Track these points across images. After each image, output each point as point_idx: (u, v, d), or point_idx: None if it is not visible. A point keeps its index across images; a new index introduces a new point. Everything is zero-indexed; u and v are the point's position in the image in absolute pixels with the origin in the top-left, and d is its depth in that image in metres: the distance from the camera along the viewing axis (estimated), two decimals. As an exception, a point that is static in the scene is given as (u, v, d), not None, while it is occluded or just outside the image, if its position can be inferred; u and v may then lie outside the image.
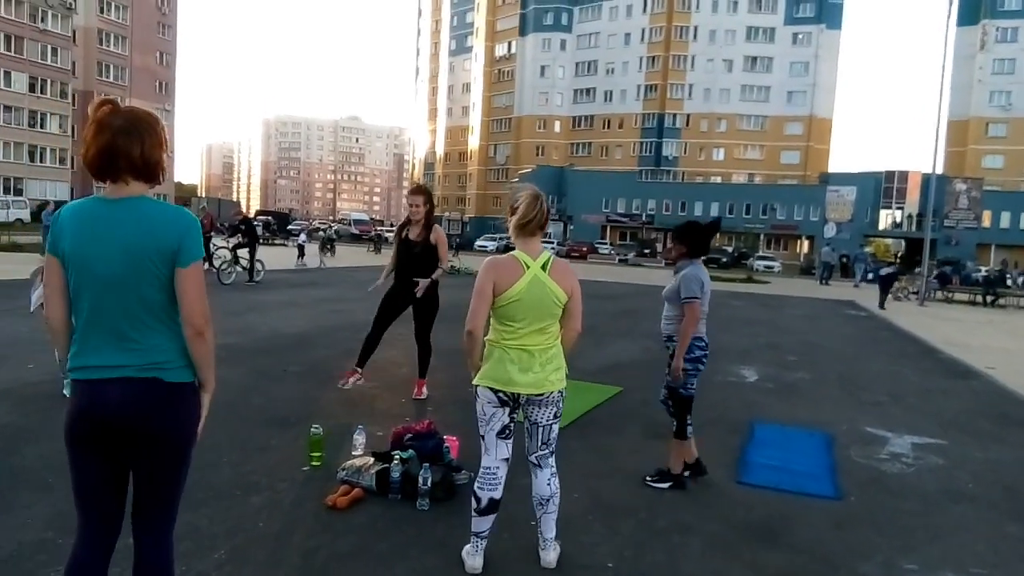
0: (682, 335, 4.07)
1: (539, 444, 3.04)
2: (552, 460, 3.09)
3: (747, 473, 4.57)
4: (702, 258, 4.28)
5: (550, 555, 3.08)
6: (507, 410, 2.97)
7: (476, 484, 3.02)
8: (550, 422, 3.02)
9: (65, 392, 5.21)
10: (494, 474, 2.99)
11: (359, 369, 5.92)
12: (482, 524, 3.00)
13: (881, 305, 19.57)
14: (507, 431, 2.99)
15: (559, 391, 2.99)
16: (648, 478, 4.24)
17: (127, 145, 1.95)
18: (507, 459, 3.03)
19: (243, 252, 15.60)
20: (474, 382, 3.01)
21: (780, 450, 5.18)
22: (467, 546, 3.06)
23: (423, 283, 5.66)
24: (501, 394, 2.93)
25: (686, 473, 4.26)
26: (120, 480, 2.08)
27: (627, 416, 5.87)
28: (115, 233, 1.93)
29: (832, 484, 4.47)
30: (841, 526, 3.81)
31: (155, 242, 1.93)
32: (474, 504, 3.00)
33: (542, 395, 2.95)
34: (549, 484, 3.05)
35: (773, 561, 3.33)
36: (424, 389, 6.03)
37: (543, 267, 2.91)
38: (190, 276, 1.97)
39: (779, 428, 5.83)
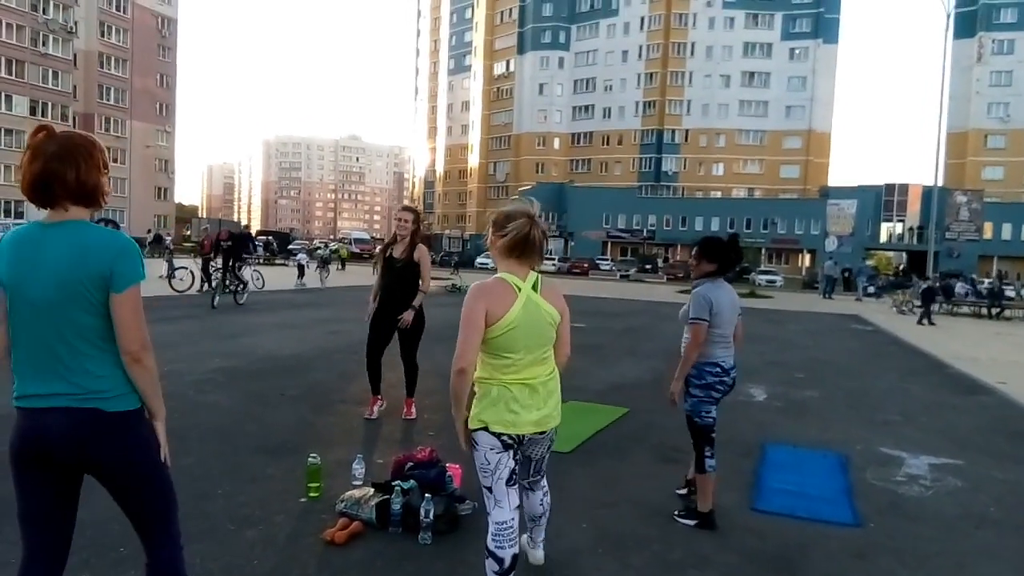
0: (684, 357, 3.88)
1: (532, 473, 2.88)
2: (544, 481, 2.95)
3: (762, 499, 4.41)
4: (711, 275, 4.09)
5: (539, 553, 3.10)
6: (511, 452, 2.62)
7: (492, 543, 2.60)
8: (545, 455, 2.85)
9: None
10: (511, 527, 2.61)
11: (379, 396, 5.99)
12: None
13: (920, 320, 19.50)
14: (514, 476, 2.65)
15: (555, 428, 2.75)
16: (676, 513, 4.01)
17: (61, 170, 1.92)
18: (519, 506, 2.71)
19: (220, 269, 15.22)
20: (472, 427, 2.62)
21: (794, 473, 5.01)
22: None
23: (406, 315, 5.67)
24: (506, 437, 2.59)
25: (694, 522, 3.91)
26: (67, 508, 2.05)
27: (634, 439, 5.71)
28: (47, 258, 1.90)
29: (850, 510, 4.30)
30: (861, 555, 3.64)
31: (87, 267, 1.89)
32: (494, 567, 2.59)
33: (544, 434, 2.69)
34: (542, 503, 2.95)
35: (793, 595, 3.17)
36: (413, 409, 5.99)
37: (533, 287, 2.62)
38: (125, 302, 1.92)
39: (792, 449, 5.66)
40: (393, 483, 3.75)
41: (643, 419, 6.39)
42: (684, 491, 4.19)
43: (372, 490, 3.80)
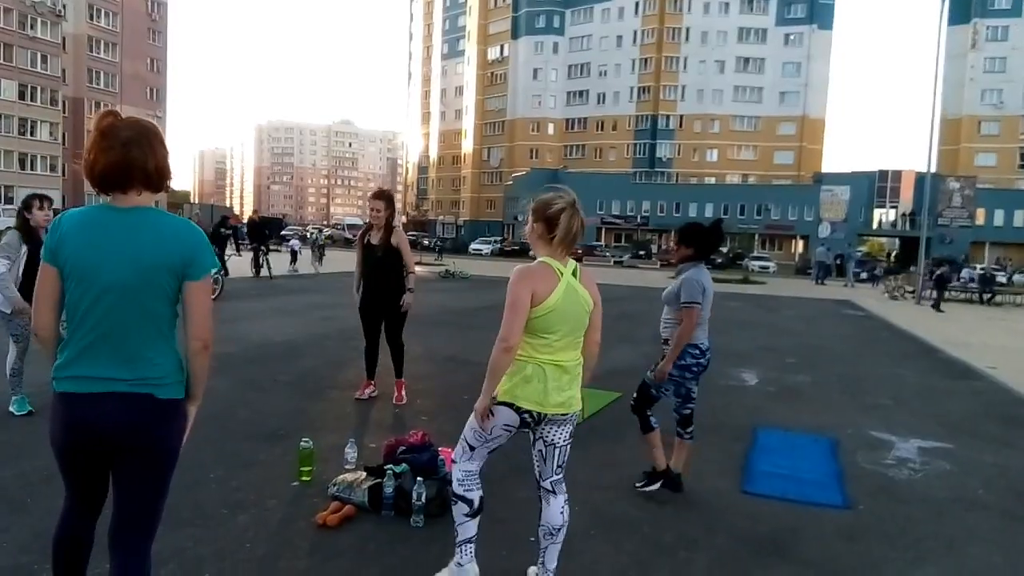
0: (677, 340, 3.94)
1: (555, 467, 2.83)
2: (564, 486, 2.89)
3: (752, 482, 4.43)
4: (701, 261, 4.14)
5: None
6: (515, 433, 2.76)
7: (460, 488, 2.79)
8: (567, 442, 2.82)
9: (11, 409, 5.01)
10: (476, 475, 2.82)
11: (372, 381, 6.08)
12: (473, 528, 2.80)
13: (936, 307, 19.69)
14: (497, 450, 2.85)
15: (576, 411, 2.81)
16: (637, 484, 4.12)
17: (141, 157, 1.93)
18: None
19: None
20: (500, 399, 2.69)
21: (785, 457, 5.04)
22: (459, 558, 2.81)
23: (407, 299, 5.75)
24: (527, 415, 2.68)
25: (657, 485, 4.09)
26: (106, 475, 2.07)
27: (628, 422, 5.66)
28: (126, 243, 1.90)
29: (840, 493, 4.34)
30: (851, 538, 3.67)
31: (167, 255, 1.91)
32: (464, 509, 2.78)
33: (567, 414, 2.76)
34: (562, 512, 2.83)
35: (783, 577, 3.19)
36: (404, 392, 6.01)
37: (574, 274, 2.71)
38: (201, 289, 1.97)
39: (783, 434, 5.69)
40: (385, 467, 3.75)
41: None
42: (660, 485, 4.17)
43: (364, 474, 3.80)
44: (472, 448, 2.82)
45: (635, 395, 4.18)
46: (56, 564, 2.13)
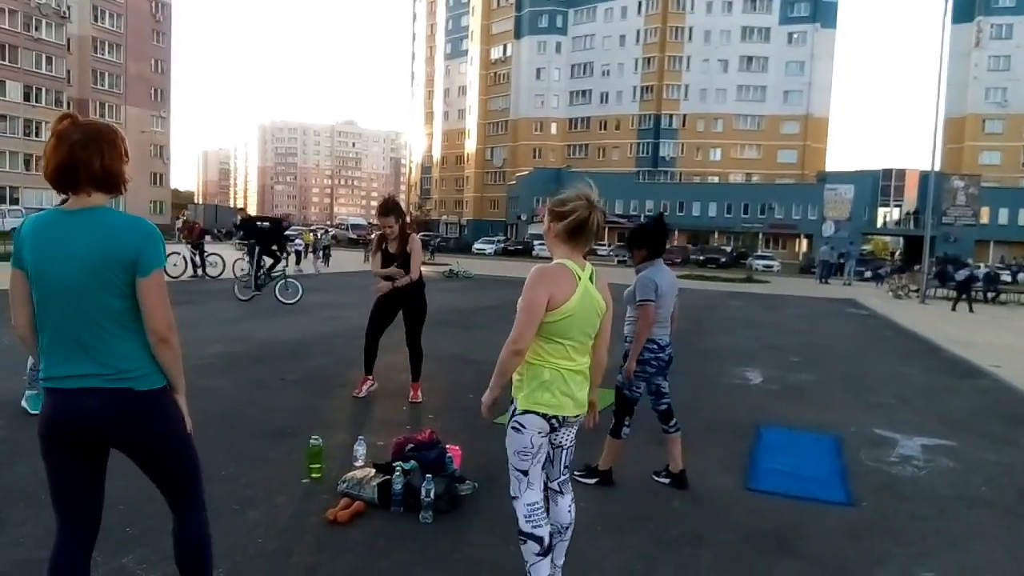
0: (635, 337, 4.07)
1: (561, 468, 2.84)
2: (571, 485, 2.92)
3: (756, 479, 4.47)
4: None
5: None
6: (550, 438, 2.72)
7: (528, 524, 2.64)
8: (572, 443, 2.83)
9: (24, 405, 5.10)
10: (542, 508, 2.68)
11: (370, 376, 6.17)
12: (545, 569, 2.64)
13: (969, 308, 19.51)
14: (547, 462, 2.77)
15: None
16: (576, 472, 4.23)
17: (86, 157, 1.98)
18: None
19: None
20: (523, 407, 2.64)
21: (789, 455, 5.08)
22: None
23: (399, 278, 5.84)
24: (553, 420, 2.64)
25: (593, 480, 4.27)
26: (97, 482, 2.16)
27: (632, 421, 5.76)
28: (73, 244, 1.95)
29: (843, 489, 4.37)
30: (855, 534, 3.71)
31: (113, 252, 1.96)
32: (535, 548, 2.62)
33: (578, 417, 2.75)
34: (570, 511, 2.86)
35: (787, 573, 3.23)
36: (419, 393, 6.07)
37: (590, 278, 2.66)
38: (151, 285, 1.99)
39: (786, 432, 5.73)
40: (394, 464, 3.81)
41: (639, 402, 6.43)
42: (667, 480, 4.33)
43: (374, 471, 3.85)
44: (525, 473, 2.68)
45: (614, 402, 4.29)
46: None
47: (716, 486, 4.33)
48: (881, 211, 62.34)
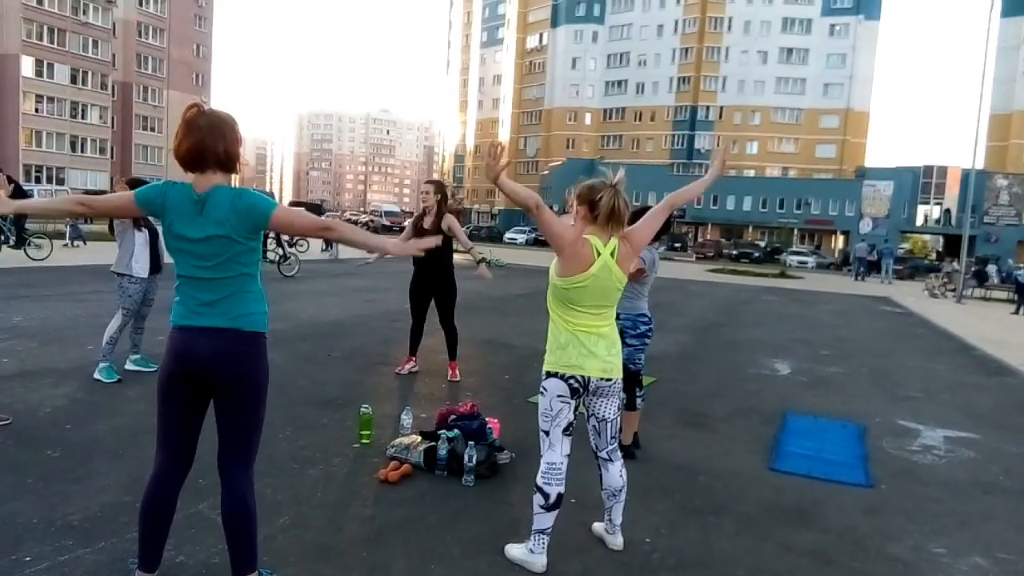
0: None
1: (608, 438, 3.08)
2: (619, 452, 3.17)
3: (779, 460, 4.69)
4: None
5: (618, 539, 3.20)
6: (573, 404, 2.94)
7: (541, 479, 2.93)
8: (616, 416, 3.05)
9: (99, 376, 5.47)
10: (560, 469, 2.93)
11: (413, 357, 6.51)
12: (547, 520, 2.93)
13: (1018, 311, 19.05)
14: (571, 428, 2.96)
15: (619, 380, 3.03)
16: None
17: (213, 143, 2.31)
18: (568, 455, 3.00)
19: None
20: (545, 369, 2.95)
21: (813, 440, 5.28)
22: (526, 544, 2.98)
23: (484, 271, 6.20)
24: (572, 380, 2.89)
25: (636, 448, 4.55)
26: (198, 420, 2.47)
27: (661, 404, 6.00)
28: (206, 213, 2.29)
29: (864, 473, 4.57)
30: (872, 512, 3.92)
31: (237, 216, 2.29)
32: (540, 500, 2.92)
33: (610, 382, 2.97)
34: (621, 475, 3.12)
35: (804, 541, 3.46)
36: (457, 372, 6.39)
37: (612, 254, 2.88)
38: (279, 215, 2.33)
39: (812, 419, 5.92)
40: (439, 432, 4.11)
41: (669, 387, 6.69)
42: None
43: (420, 437, 4.16)
44: (547, 434, 2.96)
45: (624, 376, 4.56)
46: (144, 526, 2.42)
47: (741, 464, 4.56)
48: (921, 209, 61.09)
